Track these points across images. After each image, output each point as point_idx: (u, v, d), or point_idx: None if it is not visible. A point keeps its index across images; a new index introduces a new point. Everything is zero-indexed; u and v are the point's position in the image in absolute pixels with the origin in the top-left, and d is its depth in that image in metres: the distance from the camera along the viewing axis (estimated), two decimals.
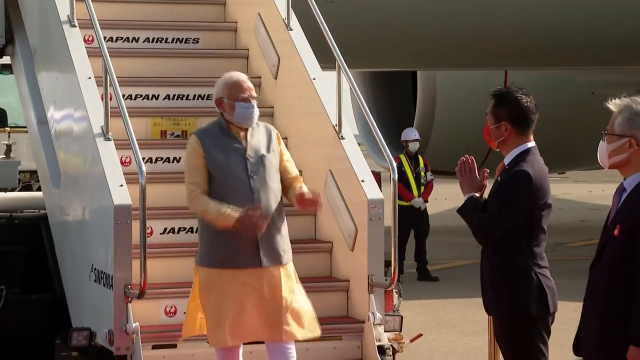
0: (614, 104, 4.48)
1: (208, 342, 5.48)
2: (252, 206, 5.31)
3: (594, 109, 17.25)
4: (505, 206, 5.00)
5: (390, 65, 16.82)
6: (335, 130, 6.50)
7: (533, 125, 5.17)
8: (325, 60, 6.86)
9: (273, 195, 5.47)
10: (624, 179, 4.46)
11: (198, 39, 7.82)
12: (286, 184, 5.57)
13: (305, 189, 5.56)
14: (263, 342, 5.51)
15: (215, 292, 5.35)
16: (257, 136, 5.56)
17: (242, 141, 5.51)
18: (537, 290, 5.01)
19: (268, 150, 5.54)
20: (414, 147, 13.56)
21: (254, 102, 5.53)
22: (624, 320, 4.30)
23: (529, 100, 5.15)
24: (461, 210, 5.16)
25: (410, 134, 13.73)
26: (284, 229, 5.51)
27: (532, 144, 5.17)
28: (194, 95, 7.43)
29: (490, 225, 5.02)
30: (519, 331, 5.00)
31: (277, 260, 5.41)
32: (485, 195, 5.20)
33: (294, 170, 5.65)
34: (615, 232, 4.37)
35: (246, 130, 5.52)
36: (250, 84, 5.58)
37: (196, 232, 6.48)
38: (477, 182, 5.15)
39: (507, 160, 5.17)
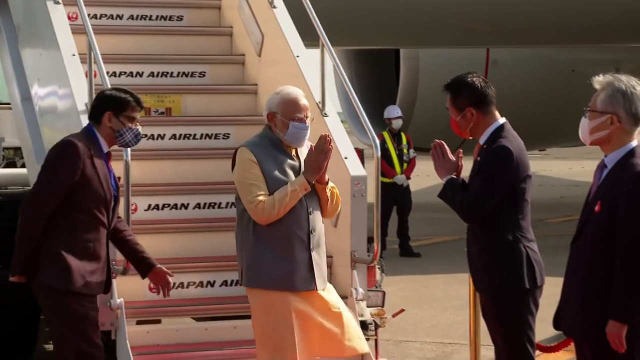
0: (597, 81, 4.48)
1: None
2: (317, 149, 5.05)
3: (575, 87, 17.31)
4: (489, 183, 5.01)
5: (374, 43, 16.79)
6: (319, 108, 6.49)
7: (494, 101, 5.20)
8: (309, 38, 6.84)
9: (320, 215, 5.20)
10: (605, 156, 4.47)
11: (182, 16, 7.77)
12: None
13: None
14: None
15: (271, 316, 5.04)
16: (304, 151, 5.23)
17: (295, 157, 5.19)
18: (527, 263, 5.03)
19: None
20: (397, 124, 13.56)
21: (309, 123, 5.19)
22: (605, 295, 4.32)
23: (480, 79, 5.20)
24: (442, 194, 5.15)
25: (393, 112, 13.73)
26: (325, 249, 5.27)
27: (503, 119, 5.19)
28: (178, 73, 7.40)
29: (476, 204, 5.03)
30: (510, 306, 5.02)
31: (325, 283, 5.18)
32: (462, 176, 5.21)
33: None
34: (596, 208, 4.39)
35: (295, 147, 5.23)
36: (306, 102, 5.23)
37: (180, 208, 6.50)
38: (453, 164, 5.15)
39: (482, 140, 5.17)
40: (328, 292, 5.17)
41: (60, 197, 5.06)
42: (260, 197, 4.99)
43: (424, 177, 22.04)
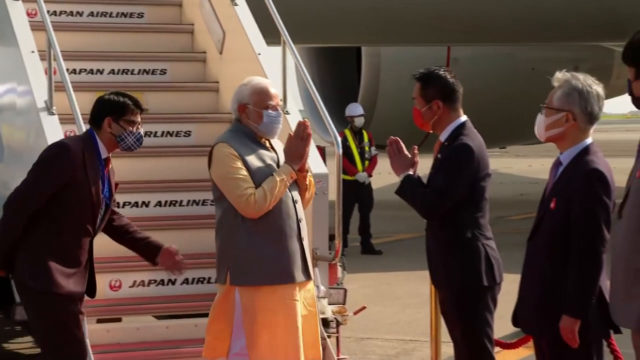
0: (556, 79, 4.51)
1: None
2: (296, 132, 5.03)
3: (534, 85, 17.40)
4: (450, 180, 5.02)
5: (335, 41, 16.79)
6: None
7: (461, 99, 5.22)
8: (271, 36, 6.83)
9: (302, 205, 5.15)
10: (560, 153, 4.51)
11: (143, 13, 7.74)
12: None
13: None
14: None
15: (270, 313, 4.90)
16: (276, 143, 5.17)
17: (271, 149, 5.12)
18: (486, 261, 5.05)
19: None
20: (359, 122, 13.59)
21: (281, 110, 5.14)
22: (561, 291, 4.35)
23: (451, 75, 5.22)
24: (400, 191, 5.16)
25: (355, 110, 13.75)
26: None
27: (464, 118, 5.21)
28: (139, 70, 7.36)
29: (436, 200, 5.04)
30: (469, 303, 5.04)
31: (312, 273, 5.13)
32: (418, 173, 5.22)
33: None
34: (552, 205, 4.42)
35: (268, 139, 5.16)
36: (276, 91, 5.18)
37: (141, 206, 6.46)
38: (409, 161, 5.16)
39: (443, 136, 5.19)
40: (310, 285, 5.12)
41: (46, 198, 4.96)
42: (250, 190, 4.89)
43: (386, 175, 22.06)
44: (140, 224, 6.32)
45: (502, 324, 5.24)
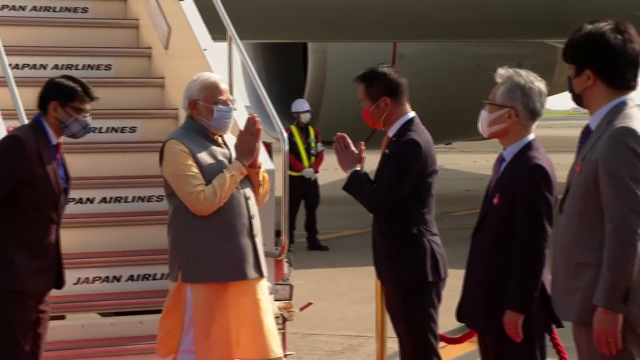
0: (499, 75, 4.56)
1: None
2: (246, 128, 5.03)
3: (479, 81, 17.52)
4: (398, 175, 5.05)
5: (281, 37, 16.78)
6: None
7: (407, 92, 5.26)
8: (217, 31, 6.80)
9: (256, 202, 5.16)
10: (504, 149, 4.55)
11: (87, 8, 7.66)
12: None
13: None
14: (158, 312, 5.42)
15: (220, 310, 4.91)
16: (229, 139, 5.17)
17: (223, 145, 5.13)
18: (431, 257, 5.08)
19: None
20: (305, 118, 13.59)
21: (232, 105, 5.16)
22: (504, 287, 4.40)
23: (392, 70, 5.26)
24: (347, 186, 5.17)
25: (301, 105, 13.75)
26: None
27: (412, 113, 5.24)
28: (84, 65, 7.29)
29: (384, 196, 5.06)
30: (414, 298, 5.07)
31: (265, 270, 5.15)
32: (365, 169, 5.24)
33: None
34: (495, 201, 4.47)
35: (220, 134, 5.16)
36: (226, 86, 5.22)
37: (86, 202, 6.41)
38: (356, 156, 5.18)
39: (391, 132, 5.21)
40: (262, 283, 5.12)
41: (5, 193, 4.87)
42: (200, 187, 4.89)
43: (332, 171, 22.08)
44: (85, 221, 6.31)
45: (446, 319, 5.27)
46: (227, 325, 4.90)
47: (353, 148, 5.19)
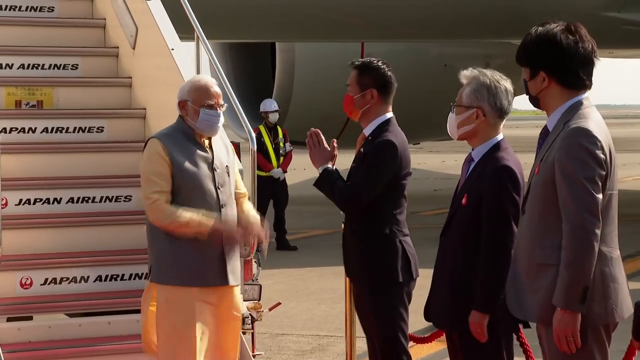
0: (463, 76, 4.59)
1: None
2: (229, 224, 4.94)
3: (447, 81, 17.61)
4: (372, 174, 5.06)
5: (249, 37, 16.76)
6: None
7: (393, 94, 5.28)
8: (184, 31, 6.79)
9: (234, 208, 5.07)
10: (472, 149, 4.58)
11: (53, 7, 7.63)
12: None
13: (252, 211, 5.20)
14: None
15: (179, 314, 4.88)
16: (217, 144, 5.12)
17: (207, 149, 5.06)
18: (402, 257, 5.10)
19: (228, 162, 5.13)
20: (273, 118, 13.60)
21: (221, 110, 5.09)
22: (471, 286, 4.43)
23: (389, 68, 5.27)
24: (318, 183, 5.18)
25: (270, 105, 13.76)
26: (239, 245, 5.14)
27: (390, 114, 5.26)
28: (50, 65, 7.26)
29: (357, 194, 5.08)
30: (385, 298, 5.08)
31: (237, 279, 5.08)
32: (338, 165, 5.25)
33: (242, 186, 5.27)
34: (463, 201, 4.50)
35: (209, 138, 5.10)
36: (218, 90, 5.14)
37: (53, 202, 6.38)
38: (328, 153, 5.18)
39: (367, 131, 5.22)
40: (238, 292, 5.09)
41: None
42: (156, 196, 4.85)
43: (300, 171, 22.12)
44: (52, 221, 6.28)
45: (414, 318, 5.30)
46: (189, 330, 4.87)
47: (326, 145, 5.20)
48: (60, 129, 6.80)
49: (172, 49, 6.71)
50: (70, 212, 6.41)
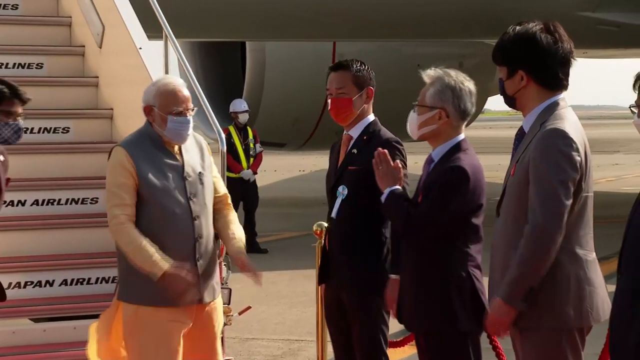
0: (427, 75, 4.59)
1: None
2: (183, 268, 4.59)
3: (420, 81, 17.67)
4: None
5: (218, 36, 16.74)
6: None
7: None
8: (152, 30, 6.77)
9: (210, 220, 4.79)
10: (432, 150, 4.59)
11: (17, 4, 7.59)
12: (214, 206, 4.91)
13: (236, 227, 4.95)
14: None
15: (147, 334, 4.63)
16: (190, 149, 4.81)
17: (177, 156, 4.76)
18: (386, 258, 5.12)
19: (203, 166, 4.81)
20: (243, 118, 13.59)
21: (190, 116, 4.77)
22: (431, 287, 4.45)
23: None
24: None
25: (240, 106, 13.74)
26: (216, 257, 4.90)
27: (372, 115, 5.27)
28: (15, 64, 7.23)
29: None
30: (372, 300, 5.06)
31: (213, 294, 4.81)
32: None
33: (221, 189, 4.99)
34: (419, 201, 4.51)
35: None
36: (187, 93, 4.79)
37: (17, 205, 6.34)
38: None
39: (355, 132, 5.18)
40: (218, 310, 4.86)
41: None
42: (116, 211, 4.60)
43: (271, 172, 22.16)
44: (16, 224, 6.24)
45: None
46: (150, 351, 4.65)
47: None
48: (25, 129, 6.74)
49: (140, 48, 6.69)
50: (35, 215, 6.38)
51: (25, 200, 6.38)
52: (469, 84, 4.57)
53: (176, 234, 4.66)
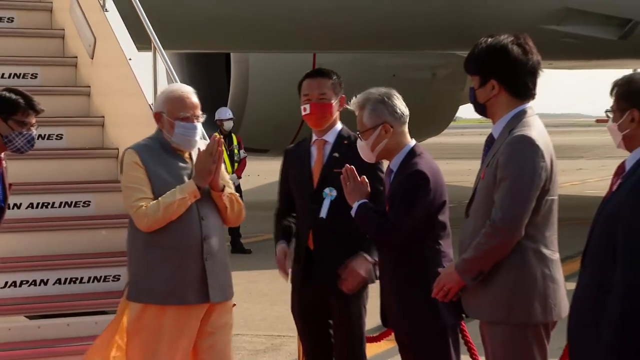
0: (352, 104, 4.60)
1: None
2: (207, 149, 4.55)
3: (396, 90, 17.71)
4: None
5: (204, 47, 16.73)
6: (152, 109, 6.41)
7: None
8: (142, 41, 6.76)
9: (218, 222, 4.69)
10: (389, 162, 4.60)
11: (13, 17, 7.57)
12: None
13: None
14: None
15: (150, 332, 4.50)
16: (196, 155, 4.71)
17: (187, 160, 4.67)
18: None
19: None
20: (228, 125, 13.59)
21: (198, 123, 4.66)
22: (410, 288, 4.46)
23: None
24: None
25: (225, 114, 13.74)
26: (228, 259, 4.78)
27: (340, 125, 5.25)
28: (10, 74, 7.20)
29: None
30: (359, 297, 5.05)
31: (224, 295, 4.65)
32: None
33: (229, 190, 4.84)
34: (387, 209, 4.52)
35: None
36: (195, 100, 4.67)
37: (13, 208, 6.31)
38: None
39: (330, 137, 5.15)
40: (228, 313, 4.70)
41: None
42: (141, 202, 4.49)
43: (254, 177, 22.12)
44: (12, 226, 6.20)
45: (373, 320, 5.31)
46: (156, 351, 4.51)
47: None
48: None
49: (130, 59, 6.68)
50: (30, 217, 6.34)
51: (20, 204, 6.34)
52: (392, 91, 4.60)
53: (183, 234, 4.56)
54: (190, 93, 4.72)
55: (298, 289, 5.24)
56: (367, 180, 4.65)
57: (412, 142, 4.57)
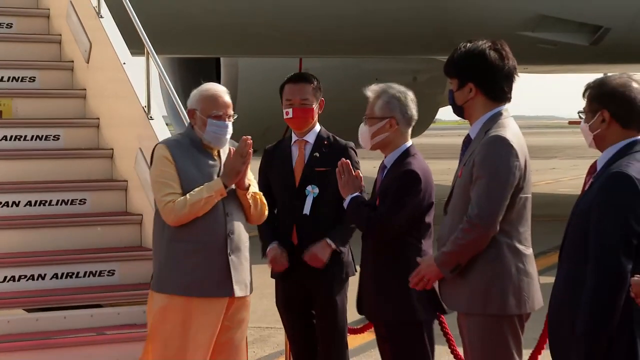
0: (370, 90, 4.62)
1: None
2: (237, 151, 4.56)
3: None
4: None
5: (196, 52, 16.72)
6: (145, 112, 6.43)
7: None
8: (135, 47, 6.76)
9: (242, 219, 4.65)
10: (385, 157, 4.62)
11: (12, 24, 7.57)
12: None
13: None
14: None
15: (174, 324, 4.46)
16: (225, 154, 4.73)
17: (215, 157, 4.67)
18: (351, 254, 5.14)
19: None
20: None
21: (229, 122, 4.69)
22: (389, 279, 4.48)
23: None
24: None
25: None
26: (248, 253, 4.74)
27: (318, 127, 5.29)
28: (9, 77, 7.20)
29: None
30: (340, 288, 5.06)
31: (246, 289, 4.65)
32: None
33: (254, 189, 4.78)
34: (377, 203, 4.54)
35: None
36: (228, 100, 4.70)
37: (12, 205, 6.30)
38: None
39: (310, 137, 5.19)
40: (247, 309, 4.70)
41: None
42: (170, 197, 4.47)
43: None
44: (11, 223, 6.21)
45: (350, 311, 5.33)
46: (180, 342, 4.46)
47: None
48: (18, 137, 6.74)
49: (124, 63, 6.68)
50: (29, 215, 6.34)
51: (19, 201, 6.34)
52: (410, 93, 4.62)
53: (208, 229, 4.54)
54: (223, 92, 4.74)
55: (282, 282, 5.27)
56: (361, 175, 4.67)
57: (409, 143, 4.60)
